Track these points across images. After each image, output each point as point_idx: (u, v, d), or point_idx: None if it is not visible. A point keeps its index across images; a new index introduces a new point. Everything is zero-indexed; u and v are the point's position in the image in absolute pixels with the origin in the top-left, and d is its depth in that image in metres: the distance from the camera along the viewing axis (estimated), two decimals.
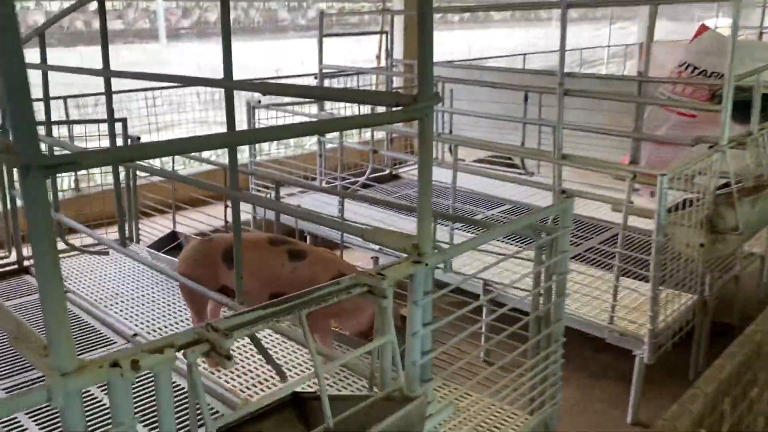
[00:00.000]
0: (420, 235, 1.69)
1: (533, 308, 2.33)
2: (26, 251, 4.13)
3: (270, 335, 3.14)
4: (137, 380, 2.74)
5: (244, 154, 5.77)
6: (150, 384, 2.76)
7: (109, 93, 2.97)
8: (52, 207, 3.58)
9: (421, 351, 1.74)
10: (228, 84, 2.18)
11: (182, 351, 1.25)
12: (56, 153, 3.60)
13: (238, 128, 5.87)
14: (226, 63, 2.21)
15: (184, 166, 7.04)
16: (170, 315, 3.46)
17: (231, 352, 1.28)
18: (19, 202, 4.02)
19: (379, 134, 5.93)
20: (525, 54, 8.73)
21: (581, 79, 4.78)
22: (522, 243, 4.30)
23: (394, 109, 1.59)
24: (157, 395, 1.25)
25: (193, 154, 4.04)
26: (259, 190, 4.80)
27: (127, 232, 4.57)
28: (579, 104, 4.60)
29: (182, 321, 3.37)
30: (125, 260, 4.10)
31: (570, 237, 2.30)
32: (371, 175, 5.39)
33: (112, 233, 4.56)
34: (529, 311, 2.34)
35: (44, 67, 3.27)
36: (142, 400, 2.63)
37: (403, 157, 5.51)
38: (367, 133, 5.87)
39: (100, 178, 5.26)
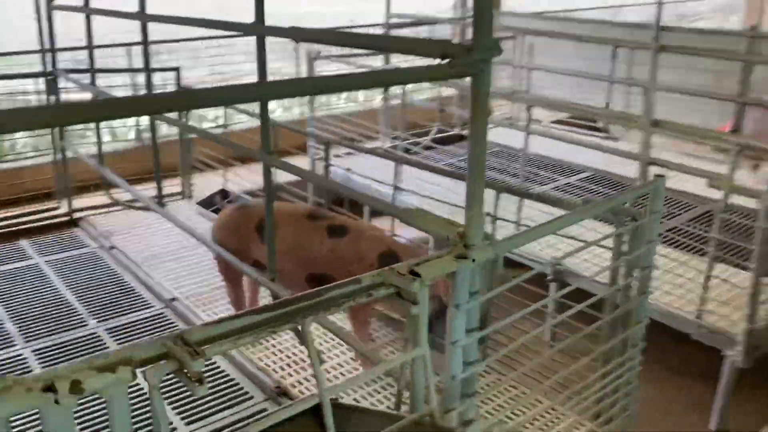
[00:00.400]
0: (468, 223, 1.35)
1: (609, 307, 1.97)
2: (76, 204, 4.03)
3: None
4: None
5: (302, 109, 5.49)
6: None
7: (145, 40, 2.73)
8: (96, 160, 3.43)
9: (463, 363, 1.43)
10: (258, 30, 1.88)
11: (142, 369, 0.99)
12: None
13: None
14: (258, 7, 1.90)
15: (248, 119, 6.85)
16: (212, 280, 3.26)
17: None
18: (69, 153, 3.91)
19: (450, 90, 5.52)
20: (616, 6, 8.01)
21: (680, 34, 4.20)
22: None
23: (440, 61, 1.24)
24: (110, 426, 0.98)
25: (240, 106, 3.79)
26: (317, 149, 4.53)
27: (181, 187, 4.44)
28: (675, 63, 4.05)
29: (224, 288, 3.17)
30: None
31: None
32: (437, 136, 5.02)
33: (170, 186, 4.41)
34: (604, 294, 1.98)
35: (85, 10, 3.06)
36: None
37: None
38: (436, 90, 5.47)
39: (165, 128, 5.13)
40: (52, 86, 3.72)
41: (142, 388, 2.29)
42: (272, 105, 8.08)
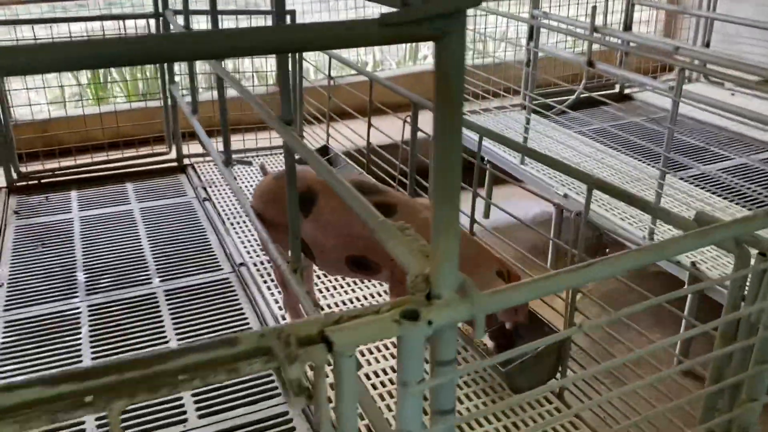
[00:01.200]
0: (435, 262, 0.90)
1: (712, 376, 1.39)
2: (186, 149, 3.97)
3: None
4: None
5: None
6: None
7: None
8: (191, 109, 3.28)
9: None
10: None
11: None
12: None
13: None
14: None
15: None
16: None
17: None
18: (179, 99, 3.83)
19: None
20: None
21: None
22: None
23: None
24: None
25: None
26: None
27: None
28: None
29: None
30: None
31: None
32: (585, 95, 4.29)
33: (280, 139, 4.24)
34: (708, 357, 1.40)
35: None
36: None
37: (631, 78, 4.25)
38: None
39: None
40: (165, 26, 3.61)
41: None
42: (424, 51, 7.60)
